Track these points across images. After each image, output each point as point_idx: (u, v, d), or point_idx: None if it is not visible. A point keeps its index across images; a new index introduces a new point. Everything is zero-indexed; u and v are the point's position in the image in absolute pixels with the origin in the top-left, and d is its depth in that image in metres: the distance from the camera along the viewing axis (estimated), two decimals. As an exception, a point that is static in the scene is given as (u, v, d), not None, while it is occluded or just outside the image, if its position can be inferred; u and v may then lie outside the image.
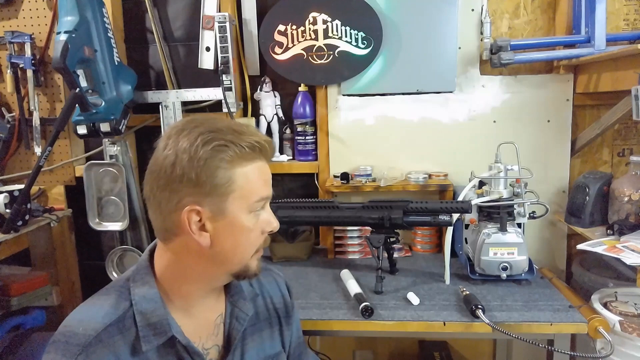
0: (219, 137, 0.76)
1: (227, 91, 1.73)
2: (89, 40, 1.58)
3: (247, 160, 0.78)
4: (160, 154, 0.78)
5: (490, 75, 1.75)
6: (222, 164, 0.76)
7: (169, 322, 0.78)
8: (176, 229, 0.78)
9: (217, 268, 0.82)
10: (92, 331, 0.74)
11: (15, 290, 1.69)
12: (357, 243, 1.73)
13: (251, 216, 0.81)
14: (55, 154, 1.87)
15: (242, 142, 0.77)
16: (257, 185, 0.80)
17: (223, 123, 0.80)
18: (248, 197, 0.79)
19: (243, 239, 0.81)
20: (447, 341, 1.91)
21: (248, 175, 0.78)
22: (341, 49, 1.74)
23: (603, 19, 1.52)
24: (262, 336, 0.94)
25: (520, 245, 1.37)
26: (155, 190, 0.78)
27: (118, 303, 0.79)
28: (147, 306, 0.79)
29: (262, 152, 0.81)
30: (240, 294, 0.91)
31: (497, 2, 1.74)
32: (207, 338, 0.86)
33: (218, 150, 0.75)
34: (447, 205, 1.37)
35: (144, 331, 0.77)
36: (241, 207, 0.79)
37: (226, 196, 0.77)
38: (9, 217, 1.52)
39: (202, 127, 0.77)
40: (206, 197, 0.76)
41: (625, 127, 1.77)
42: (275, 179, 0.87)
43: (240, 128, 0.80)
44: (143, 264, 0.84)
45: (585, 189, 1.53)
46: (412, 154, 1.81)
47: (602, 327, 1.18)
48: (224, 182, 0.76)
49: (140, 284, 0.81)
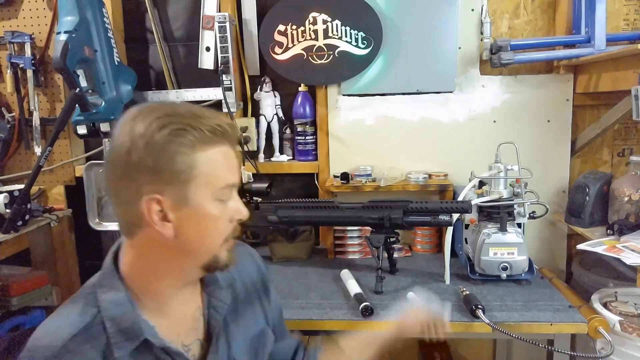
0: (176, 121, 0.71)
1: (227, 91, 1.73)
2: (89, 40, 1.58)
3: (209, 145, 0.73)
4: (115, 141, 0.73)
5: (490, 75, 1.75)
6: (182, 148, 0.71)
7: (140, 326, 0.74)
8: (138, 221, 0.73)
9: (185, 260, 0.78)
10: (58, 341, 0.70)
11: (15, 290, 1.69)
12: (357, 243, 1.73)
13: (217, 204, 0.76)
14: (55, 154, 1.87)
15: (202, 125, 0.72)
16: (222, 171, 0.75)
17: (182, 107, 0.75)
18: (212, 184, 0.74)
19: (209, 228, 0.76)
20: (447, 341, 1.91)
21: (211, 160, 0.74)
22: (341, 49, 1.74)
23: (603, 19, 1.52)
24: (245, 318, 0.91)
25: (520, 245, 1.37)
26: (113, 181, 0.74)
27: (85, 311, 0.75)
28: (116, 311, 0.75)
29: (225, 135, 0.75)
30: (215, 283, 0.87)
31: (497, 2, 1.74)
32: (187, 334, 0.83)
33: (176, 135, 0.70)
34: (447, 205, 1.37)
35: (115, 337, 0.73)
36: (205, 195, 0.74)
37: (188, 183, 0.72)
38: (9, 217, 1.52)
39: (158, 111, 0.72)
40: (167, 185, 0.71)
41: (625, 127, 1.77)
42: (275, 179, 0.86)
43: (200, 111, 0.75)
44: (108, 267, 0.79)
45: (585, 189, 1.53)
46: (412, 154, 1.81)
47: (602, 327, 1.18)
48: (185, 168, 0.71)
49: (107, 289, 0.76)
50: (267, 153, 1.90)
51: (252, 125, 1.84)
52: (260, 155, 1.90)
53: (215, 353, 0.84)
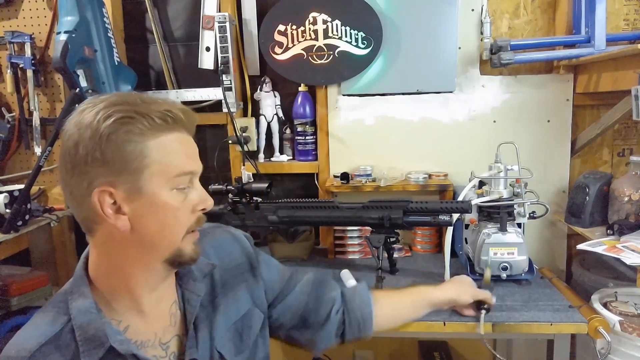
0: (123, 109, 0.69)
1: (227, 91, 1.73)
2: (89, 40, 1.58)
3: (161, 132, 0.71)
4: (65, 135, 0.71)
5: (490, 75, 1.75)
6: (130, 136, 0.68)
7: (106, 333, 0.72)
8: (93, 216, 0.71)
9: (147, 256, 0.75)
10: (26, 352, 0.70)
11: (15, 290, 1.69)
12: (357, 243, 1.72)
13: (174, 193, 0.73)
14: (55, 154, 1.86)
15: (151, 112, 0.70)
16: (177, 158, 0.72)
17: (132, 96, 0.72)
18: (167, 172, 0.71)
19: (168, 219, 0.73)
20: (447, 341, 1.90)
21: (164, 147, 0.71)
22: (341, 49, 1.74)
23: (603, 19, 1.52)
24: (226, 305, 0.89)
25: (520, 245, 1.37)
26: (65, 176, 0.71)
27: (55, 320, 0.74)
28: (84, 319, 0.73)
29: (178, 122, 0.73)
30: (189, 274, 0.85)
31: (497, 2, 1.74)
32: (164, 331, 0.81)
33: (123, 123, 0.68)
34: (447, 205, 1.37)
35: (84, 346, 0.72)
36: (160, 184, 0.71)
37: (140, 172, 0.69)
38: (9, 217, 1.52)
39: (105, 102, 0.70)
40: (118, 175, 0.69)
41: (625, 127, 1.77)
42: (275, 179, 0.86)
43: (149, 99, 0.72)
44: (78, 274, 0.78)
45: (585, 189, 1.53)
46: (412, 154, 1.81)
47: (602, 327, 1.18)
48: (135, 156, 0.69)
49: (77, 296, 0.75)
50: (267, 153, 1.90)
51: (252, 125, 1.84)
52: (260, 155, 1.90)
53: (193, 347, 0.81)
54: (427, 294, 1.15)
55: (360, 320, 1.01)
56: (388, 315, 1.07)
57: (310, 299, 1.01)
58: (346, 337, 1.03)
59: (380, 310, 1.04)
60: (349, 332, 1.02)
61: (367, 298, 1.04)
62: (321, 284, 1.05)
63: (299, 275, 1.04)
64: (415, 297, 1.13)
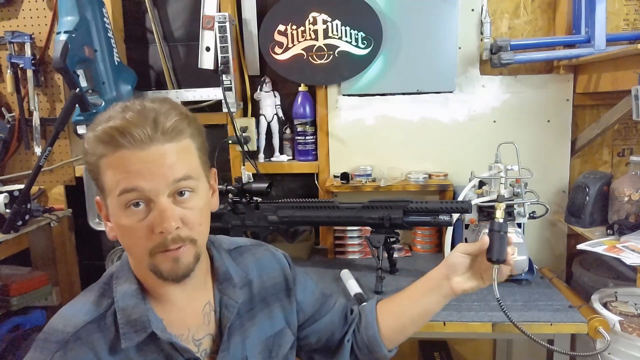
0: (97, 129, 0.72)
1: (227, 91, 1.73)
2: (89, 40, 1.58)
3: (109, 152, 0.71)
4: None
5: (490, 75, 1.75)
6: (92, 159, 0.73)
7: (149, 319, 0.76)
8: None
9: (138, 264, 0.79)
10: (71, 328, 0.73)
11: (15, 290, 1.69)
12: (357, 243, 1.73)
13: (129, 212, 0.71)
14: (55, 154, 1.87)
15: (97, 132, 0.71)
16: (117, 178, 0.70)
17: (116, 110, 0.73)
18: (112, 191, 0.72)
19: (125, 238, 0.74)
20: (447, 341, 1.91)
21: (109, 167, 0.71)
22: (341, 49, 1.74)
23: (603, 19, 1.52)
24: (261, 318, 0.91)
25: (520, 245, 1.37)
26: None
27: (100, 300, 0.78)
28: (128, 302, 0.77)
29: (125, 136, 0.69)
30: (229, 281, 0.86)
31: (497, 2, 1.74)
32: (198, 328, 0.83)
33: (92, 142, 0.72)
34: (447, 205, 1.37)
35: (125, 328, 0.75)
36: (113, 204, 0.73)
37: (102, 191, 0.75)
38: (9, 217, 1.52)
39: (101, 117, 0.74)
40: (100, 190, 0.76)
41: (625, 127, 1.77)
42: (275, 179, 0.86)
43: (111, 113, 0.73)
44: (125, 259, 0.82)
45: (585, 189, 1.53)
46: (412, 154, 1.81)
47: (602, 327, 1.18)
48: (94, 176, 0.74)
49: (122, 281, 0.79)
50: (267, 153, 1.90)
51: (252, 125, 1.84)
52: (260, 155, 1.90)
53: (226, 350, 0.84)
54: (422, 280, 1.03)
55: (367, 343, 1.01)
56: (393, 325, 1.02)
57: (337, 329, 1.02)
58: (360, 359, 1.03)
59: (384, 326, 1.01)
60: (360, 355, 1.02)
61: (372, 318, 1.02)
62: (347, 316, 1.05)
63: (332, 300, 1.05)
64: (410, 291, 1.03)
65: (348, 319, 1.04)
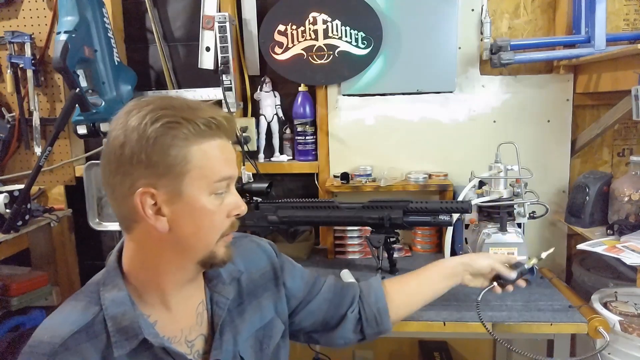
0: (170, 114, 0.71)
1: (227, 91, 1.73)
2: (89, 40, 1.58)
3: (204, 138, 0.73)
4: (110, 135, 0.73)
5: (490, 75, 1.75)
6: (175, 141, 0.70)
7: (140, 325, 0.74)
8: (133, 215, 0.73)
9: (182, 256, 0.77)
10: (58, 339, 0.71)
11: (15, 290, 1.69)
12: (357, 243, 1.72)
13: (212, 198, 0.75)
14: (55, 154, 1.87)
15: (197, 118, 0.72)
16: (217, 164, 0.74)
17: (177, 100, 0.75)
18: (207, 177, 0.73)
19: (205, 222, 0.75)
20: (447, 341, 1.91)
21: (206, 153, 0.73)
22: (341, 49, 1.74)
23: (603, 19, 1.52)
24: (251, 312, 0.91)
25: (520, 245, 1.37)
26: (108, 176, 0.74)
27: (87, 308, 0.75)
28: (117, 310, 0.75)
29: (221, 129, 0.75)
30: (218, 278, 0.87)
31: (497, 2, 1.74)
32: (191, 329, 0.83)
33: (169, 127, 0.70)
34: (447, 205, 1.37)
35: (116, 336, 0.74)
36: (200, 188, 0.73)
37: (182, 177, 0.72)
38: (9, 217, 1.52)
39: (152, 105, 0.72)
40: (160, 178, 0.71)
41: (625, 127, 1.77)
42: (275, 179, 0.86)
43: (195, 104, 0.75)
44: (112, 265, 0.80)
45: (585, 189, 1.53)
46: (412, 154, 1.81)
47: (602, 327, 1.18)
48: (178, 161, 0.71)
49: (110, 287, 0.77)
50: (267, 153, 1.90)
51: (252, 125, 1.84)
52: (260, 155, 1.90)
53: (219, 348, 0.83)
54: (438, 264, 1.10)
55: (377, 315, 1.02)
56: (403, 302, 1.06)
57: (331, 305, 1.03)
58: (365, 332, 1.03)
59: (392, 302, 1.04)
60: (367, 327, 1.03)
61: (381, 293, 1.05)
62: (342, 289, 1.06)
63: (321, 280, 1.06)
64: (427, 273, 1.09)
65: (346, 293, 1.04)
